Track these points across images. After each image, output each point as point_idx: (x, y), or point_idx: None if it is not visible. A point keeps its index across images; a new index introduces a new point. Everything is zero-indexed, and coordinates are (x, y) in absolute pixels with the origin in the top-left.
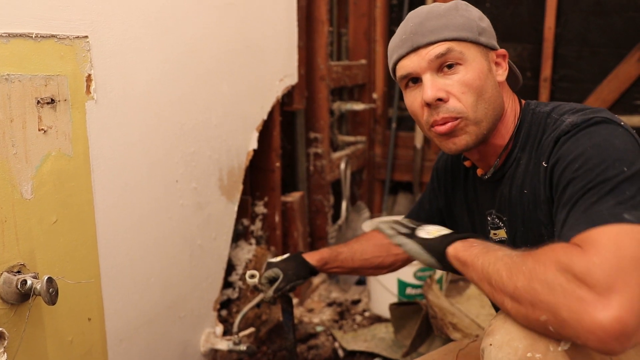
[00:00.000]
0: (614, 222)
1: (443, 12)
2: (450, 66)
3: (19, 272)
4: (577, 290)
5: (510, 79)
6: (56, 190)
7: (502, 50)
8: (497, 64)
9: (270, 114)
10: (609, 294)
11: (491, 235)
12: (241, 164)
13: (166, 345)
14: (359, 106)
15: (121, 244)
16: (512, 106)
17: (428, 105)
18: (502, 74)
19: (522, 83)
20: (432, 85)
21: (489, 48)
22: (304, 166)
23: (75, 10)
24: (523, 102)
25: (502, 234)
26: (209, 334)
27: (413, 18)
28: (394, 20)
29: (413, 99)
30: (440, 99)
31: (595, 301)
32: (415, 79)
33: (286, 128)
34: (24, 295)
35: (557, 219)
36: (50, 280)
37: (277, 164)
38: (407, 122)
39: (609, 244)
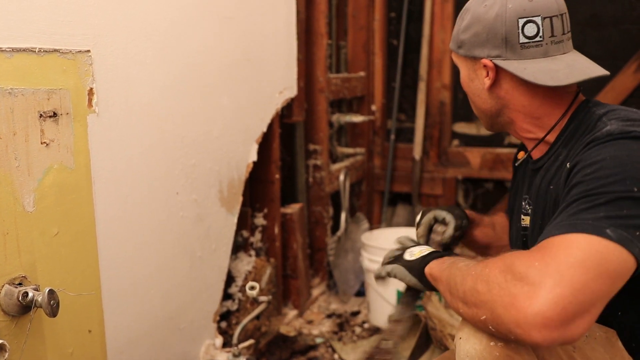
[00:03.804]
0: (592, 234)
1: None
2: None
3: (20, 284)
4: (511, 287)
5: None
6: (58, 202)
7: (484, 61)
8: (486, 71)
9: (270, 126)
10: (537, 289)
11: (521, 219)
12: (241, 175)
13: (166, 357)
14: (358, 118)
15: (122, 256)
16: (550, 105)
17: None
18: (486, 82)
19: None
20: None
21: (472, 57)
22: (304, 178)
23: (77, 25)
24: (582, 98)
25: (526, 221)
26: (208, 345)
27: None
28: (392, 32)
29: None
30: None
31: (524, 295)
32: None
33: (286, 140)
34: (25, 307)
35: (553, 217)
36: (51, 292)
37: (277, 176)
38: (405, 133)
39: (559, 251)
